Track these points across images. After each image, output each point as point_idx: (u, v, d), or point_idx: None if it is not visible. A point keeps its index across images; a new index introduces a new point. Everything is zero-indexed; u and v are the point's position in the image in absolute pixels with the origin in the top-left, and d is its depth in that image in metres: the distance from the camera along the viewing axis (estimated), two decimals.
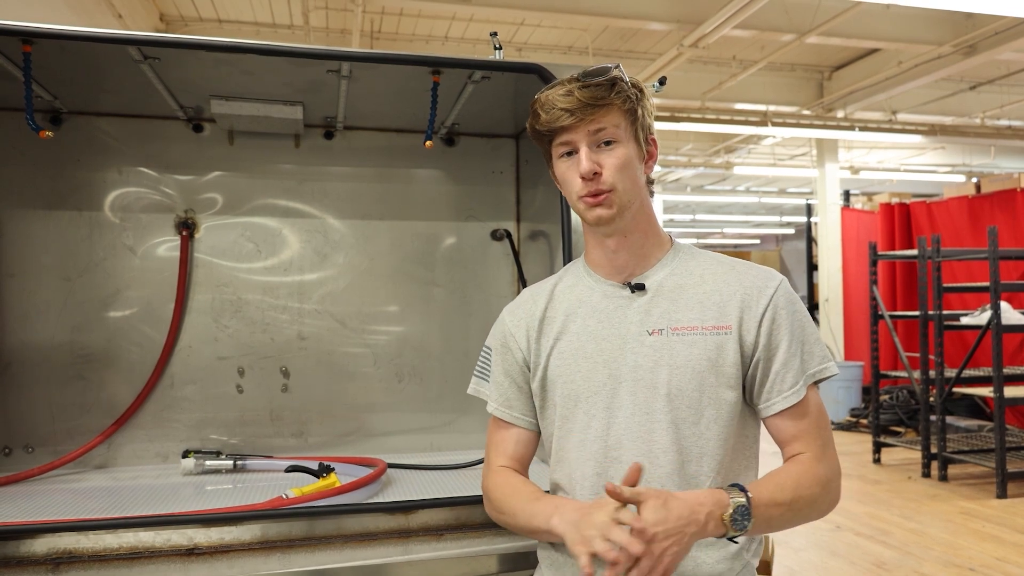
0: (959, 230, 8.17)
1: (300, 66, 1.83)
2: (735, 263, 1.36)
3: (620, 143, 1.28)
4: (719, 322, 1.28)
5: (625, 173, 1.28)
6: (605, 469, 1.27)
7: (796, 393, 1.26)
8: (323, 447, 2.23)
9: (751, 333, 1.27)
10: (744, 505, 1.14)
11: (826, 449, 1.28)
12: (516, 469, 1.42)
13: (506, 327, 1.43)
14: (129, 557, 1.42)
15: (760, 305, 1.28)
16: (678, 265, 1.35)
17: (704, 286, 1.31)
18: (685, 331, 1.28)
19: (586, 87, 1.25)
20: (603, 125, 1.26)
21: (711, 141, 11.63)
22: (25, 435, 2.05)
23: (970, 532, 4.80)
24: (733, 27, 6.28)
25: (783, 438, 1.30)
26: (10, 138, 2.03)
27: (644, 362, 1.28)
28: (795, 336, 1.28)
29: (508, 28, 7.47)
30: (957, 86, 9.29)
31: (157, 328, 2.14)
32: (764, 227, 20.24)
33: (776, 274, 1.33)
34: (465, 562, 1.54)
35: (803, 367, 1.27)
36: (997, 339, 5.62)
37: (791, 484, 1.22)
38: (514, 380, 1.41)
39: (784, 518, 1.21)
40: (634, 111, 1.29)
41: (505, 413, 1.42)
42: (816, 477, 1.24)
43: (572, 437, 1.32)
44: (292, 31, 7.39)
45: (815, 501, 1.24)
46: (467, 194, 2.39)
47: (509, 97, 2.07)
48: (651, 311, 1.30)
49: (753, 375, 1.28)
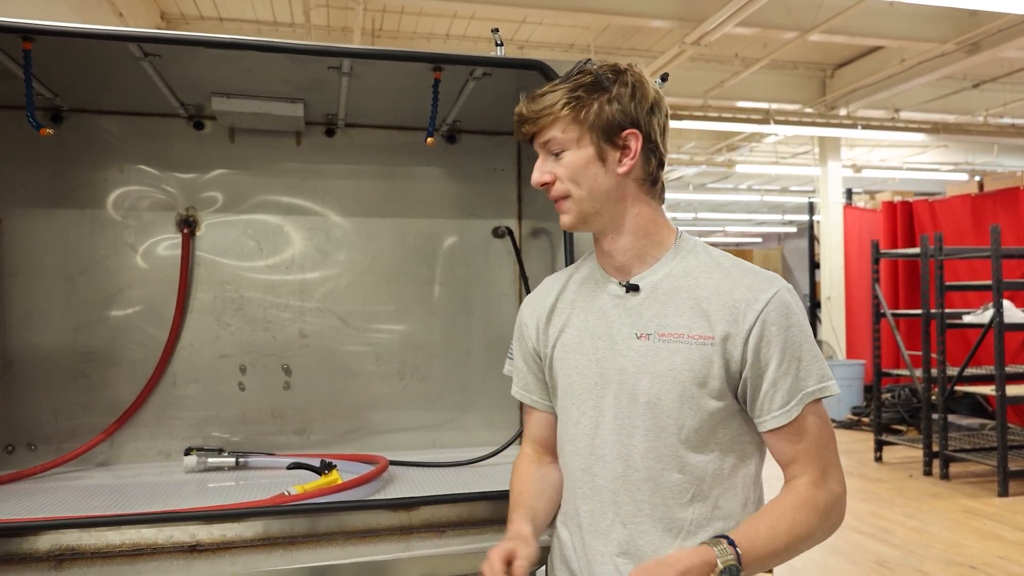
0: (961, 228, 8.15)
1: (301, 63, 1.82)
2: (732, 267, 1.28)
3: (569, 150, 1.27)
4: (705, 331, 1.22)
5: (578, 178, 1.26)
6: (590, 466, 1.30)
7: (787, 413, 1.20)
8: (325, 444, 2.23)
9: (737, 349, 1.20)
10: (734, 565, 1.11)
11: (827, 473, 1.22)
12: (540, 451, 1.45)
13: (522, 316, 1.47)
14: (132, 554, 1.42)
15: (747, 320, 1.20)
16: (678, 265, 1.29)
17: (697, 290, 1.26)
18: (671, 338, 1.24)
19: (533, 99, 1.28)
20: (547, 137, 1.28)
21: (713, 139, 11.62)
22: (28, 433, 2.05)
23: (972, 530, 4.79)
24: (735, 25, 6.27)
25: (781, 460, 1.25)
26: (11, 136, 2.03)
27: (629, 367, 1.26)
28: (788, 353, 1.20)
29: (510, 26, 7.46)
30: (960, 84, 9.27)
31: (159, 326, 2.14)
32: (766, 225, 20.22)
33: (773, 283, 1.24)
34: (467, 559, 1.54)
35: (797, 386, 1.20)
36: (999, 337, 5.61)
37: (786, 526, 1.17)
38: (529, 366, 1.45)
39: (779, 560, 1.18)
40: (587, 114, 1.25)
41: (524, 396, 1.46)
42: (814, 507, 1.20)
43: (567, 430, 1.35)
44: (293, 29, 7.39)
45: (812, 534, 1.20)
46: (469, 192, 2.39)
47: (511, 94, 2.06)
48: (642, 314, 1.28)
49: (743, 391, 1.23)
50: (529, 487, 1.39)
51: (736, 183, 15.29)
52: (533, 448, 1.46)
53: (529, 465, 1.44)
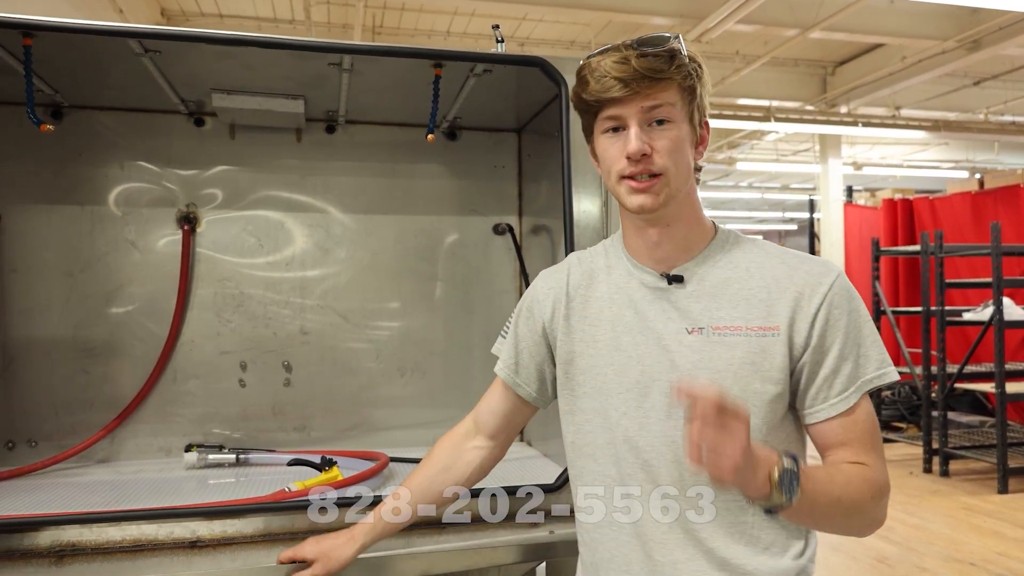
0: (962, 226, 8.15)
1: (301, 59, 1.82)
2: (786, 254, 1.22)
3: (675, 123, 1.14)
4: (766, 322, 1.15)
5: (677, 157, 1.14)
6: (635, 471, 1.19)
7: (844, 400, 1.14)
8: (325, 441, 2.23)
9: (802, 334, 1.14)
10: (794, 471, 1.02)
11: (879, 462, 1.16)
12: (476, 432, 1.41)
13: (536, 291, 1.35)
14: (132, 550, 1.42)
15: (813, 304, 1.14)
16: (723, 256, 1.22)
17: (751, 281, 1.18)
18: (728, 331, 1.16)
19: (644, 56, 1.10)
20: (659, 102, 1.12)
21: (714, 136, 11.59)
22: (28, 430, 2.05)
23: (971, 527, 4.80)
24: (736, 22, 6.27)
25: (828, 443, 1.17)
26: (11, 132, 2.03)
27: (683, 363, 1.17)
28: (850, 337, 1.15)
29: (510, 23, 7.46)
30: (961, 82, 9.27)
31: (159, 323, 2.14)
32: (767, 223, 20.23)
33: (833, 266, 1.19)
34: (466, 555, 1.55)
35: (856, 372, 1.15)
36: (999, 335, 5.61)
37: (842, 480, 1.11)
38: (528, 347, 1.34)
39: (829, 511, 1.10)
40: (693, 89, 1.15)
41: (509, 377, 1.36)
42: (870, 484, 1.13)
43: (600, 434, 1.23)
44: (293, 26, 7.38)
45: (863, 507, 1.13)
46: (469, 188, 2.39)
47: (511, 91, 2.06)
48: (692, 307, 1.19)
49: (798, 378, 1.16)
50: (420, 475, 1.40)
51: (737, 180, 15.29)
52: (475, 426, 1.41)
53: (445, 448, 1.42)
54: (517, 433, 1.46)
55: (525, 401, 1.37)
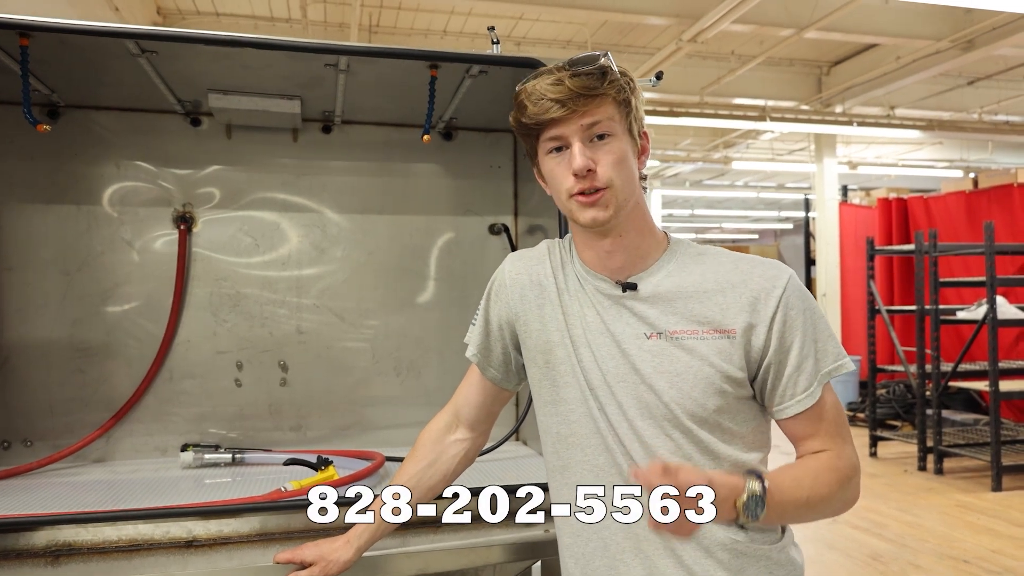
0: (956, 225, 8.19)
1: (298, 60, 1.83)
2: (738, 260, 1.26)
3: (615, 136, 1.19)
4: (722, 326, 1.20)
5: (621, 168, 1.19)
6: (623, 461, 1.23)
7: (810, 396, 1.20)
8: (321, 441, 2.24)
9: (760, 338, 1.19)
10: (759, 495, 1.09)
11: (845, 446, 1.23)
12: (457, 423, 1.46)
13: (505, 275, 1.37)
14: (128, 549, 1.43)
15: (769, 307, 1.19)
16: (676, 264, 1.26)
17: (705, 285, 1.23)
18: (685, 335, 1.20)
19: (577, 76, 1.16)
20: (597, 118, 1.17)
21: (710, 136, 11.62)
22: (24, 429, 2.05)
23: (965, 525, 4.83)
24: (732, 22, 6.27)
25: (798, 436, 1.24)
26: (8, 132, 2.03)
27: (643, 367, 1.21)
28: (807, 335, 1.20)
29: (506, 22, 7.46)
30: (955, 81, 9.30)
31: (156, 322, 2.14)
32: (762, 222, 20.26)
33: (783, 269, 1.24)
34: (463, 553, 1.55)
35: (817, 367, 1.21)
36: (993, 333, 5.64)
37: (809, 480, 1.17)
38: (494, 330, 1.39)
39: (798, 513, 1.17)
40: (628, 102, 1.20)
41: (480, 361, 1.41)
42: (836, 471, 1.20)
43: (586, 423, 1.26)
44: (290, 25, 7.37)
45: (831, 498, 1.19)
46: (465, 188, 2.39)
47: (507, 92, 2.05)
48: (648, 313, 1.23)
49: (764, 379, 1.22)
50: (407, 470, 1.42)
51: (732, 180, 15.31)
52: (456, 419, 1.46)
53: (427, 440, 1.45)
54: (496, 417, 1.50)
55: (495, 385, 1.42)
